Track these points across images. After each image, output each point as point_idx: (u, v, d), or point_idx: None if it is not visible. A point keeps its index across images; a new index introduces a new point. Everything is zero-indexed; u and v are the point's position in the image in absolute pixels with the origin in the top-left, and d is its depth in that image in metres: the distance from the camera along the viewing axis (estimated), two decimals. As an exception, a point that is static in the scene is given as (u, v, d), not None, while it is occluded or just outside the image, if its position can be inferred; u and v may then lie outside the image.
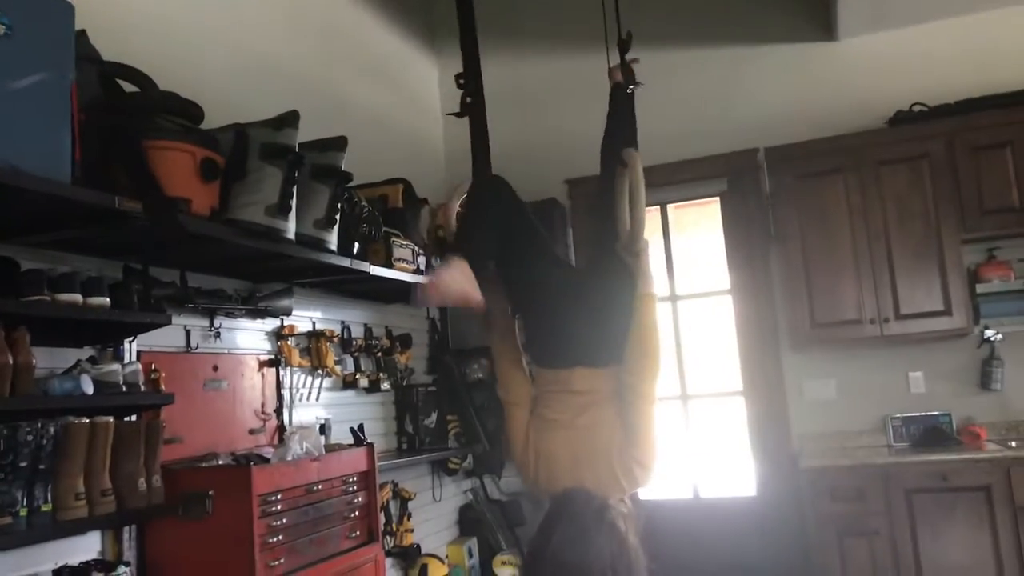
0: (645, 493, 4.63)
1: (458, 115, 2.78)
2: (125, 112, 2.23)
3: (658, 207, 4.80)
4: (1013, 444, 3.86)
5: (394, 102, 4.60)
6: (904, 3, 4.18)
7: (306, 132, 2.70)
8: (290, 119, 2.63)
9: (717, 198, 4.73)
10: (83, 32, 2.14)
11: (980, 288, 4.04)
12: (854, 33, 4.43)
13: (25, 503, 1.96)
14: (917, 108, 4.17)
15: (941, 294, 4.00)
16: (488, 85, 2.81)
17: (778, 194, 4.30)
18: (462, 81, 2.81)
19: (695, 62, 4.69)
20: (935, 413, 4.15)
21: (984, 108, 4.02)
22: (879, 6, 4.18)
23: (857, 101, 4.37)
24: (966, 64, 4.26)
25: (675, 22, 4.71)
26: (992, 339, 4.08)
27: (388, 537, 3.70)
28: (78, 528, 2.15)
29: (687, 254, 4.83)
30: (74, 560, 2.16)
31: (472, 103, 2.47)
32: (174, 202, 2.21)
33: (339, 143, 2.95)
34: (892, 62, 4.39)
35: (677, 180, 4.60)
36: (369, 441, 3.22)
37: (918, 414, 4.17)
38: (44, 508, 2.00)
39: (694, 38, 4.71)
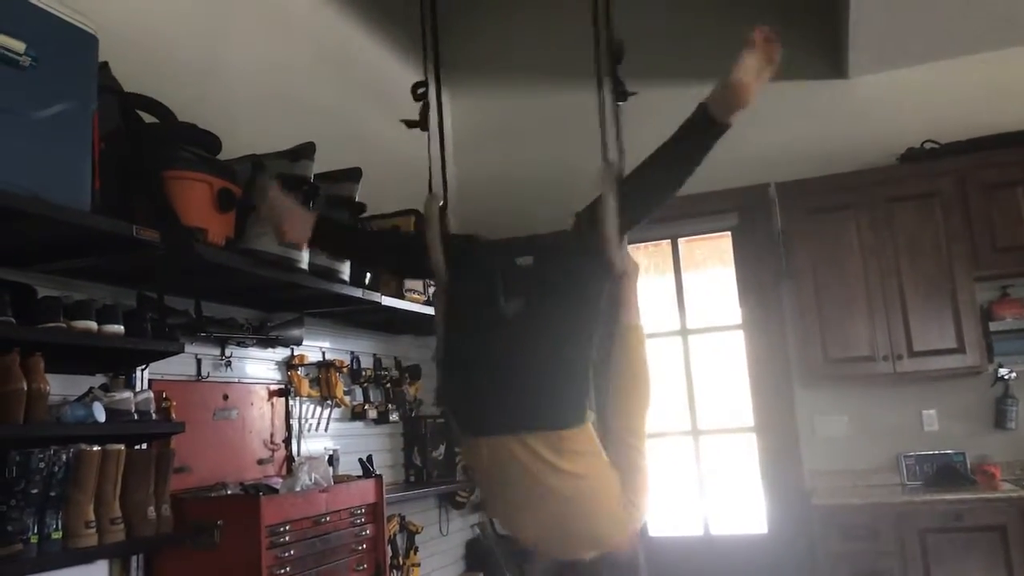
0: (656, 530, 4.61)
1: (410, 125, 2.60)
2: (144, 142, 2.26)
3: (669, 241, 4.81)
4: (1028, 484, 3.82)
5: (407, 133, 4.63)
6: (915, 41, 4.21)
7: (321, 162, 2.74)
8: (306, 151, 2.67)
9: (728, 232, 4.73)
10: (105, 64, 2.17)
11: (993, 326, 4.02)
12: (865, 71, 4.46)
13: (36, 530, 1.96)
14: (928, 145, 4.18)
15: (954, 332, 3.98)
16: (493, 119, 2.81)
17: (789, 229, 4.30)
18: (420, 90, 2.64)
19: (703, 98, 4.71)
20: (949, 452, 4.11)
21: (996, 146, 4.02)
22: (890, 45, 4.21)
23: (868, 138, 4.38)
24: (978, 102, 4.28)
25: (685, 58, 4.74)
26: (1006, 377, 4.04)
27: (395, 571, 3.66)
28: (88, 556, 2.14)
29: (698, 288, 4.82)
30: (82, 589, 2.14)
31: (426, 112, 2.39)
32: (191, 231, 2.24)
33: (354, 174, 2.99)
34: (903, 99, 4.40)
35: (688, 214, 4.60)
36: (378, 473, 3.21)
37: (931, 452, 4.12)
38: (55, 535, 2.00)
39: (705, 73, 4.72)
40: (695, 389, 4.68)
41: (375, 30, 4.39)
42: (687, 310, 4.76)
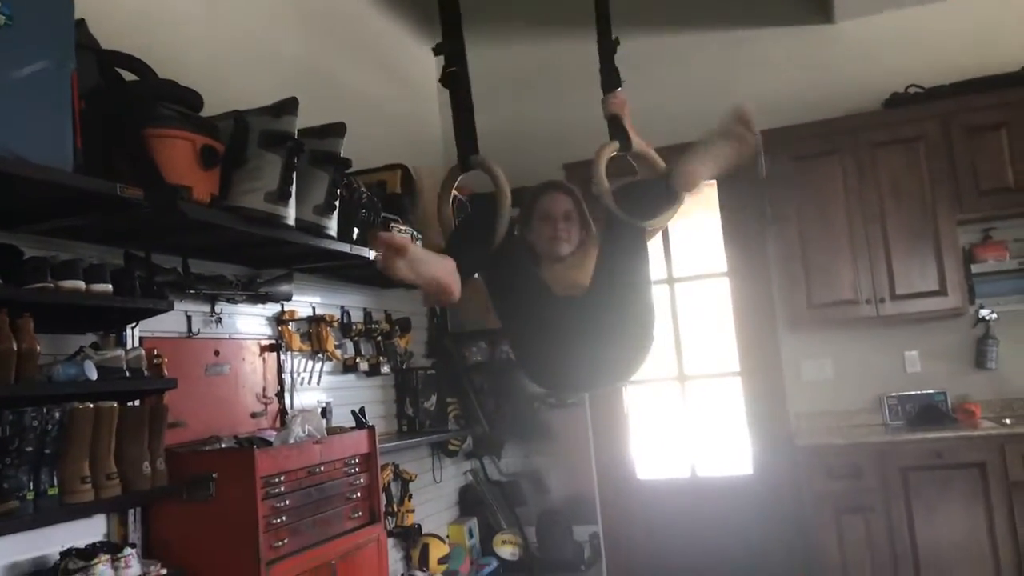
0: (644, 474, 4.70)
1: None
2: (125, 100, 2.25)
3: (655, 189, 4.81)
4: (1008, 421, 3.91)
5: (391, 87, 4.61)
6: (900, -17, 4.19)
7: (305, 118, 2.72)
8: (289, 106, 2.65)
9: (714, 181, 4.74)
10: (82, 21, 2.15)
11: (975, 268, 4.08)
12: (851, 15, 4.43)
13: (32, 487, 1.99)
14: (913, 90, 4.18)
15: (937, 274, 4.03)
16: (482, 69, 2.78)
17: (774, 176, 4.30)
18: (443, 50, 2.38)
19: (691, 45, 4.69)
20: (930, 392, 4.19)
21: (979, 90, 4.04)
22: (876, -13, 4.19)
23: (853, 83, 4.38)
24: (962, 46, 4.27)
25: (671, 5, 4.71)
26: (987, 318, 4.11)
27: (390, 518, 3.74)
28: (84, 511, 2.18)
29: (684, 237, 4.84)
30: (81, 543, 2.19)
31: (453, 72, 2.17)
32: (175, 189, 2.24)
33: (338, 129, 2.97)
34: (888, 44, 4.39)
35: (673, 162, 4.60)
36: (370, 424, 3.26)
37: (914, 393, 4.21)
38: (51, 492, 2.04)
39: (690, 21, 4.71)
40: (682, 336, 4.74)
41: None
42: (673, 258, 4.79)
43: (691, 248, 4.82)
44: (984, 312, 4.12)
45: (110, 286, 2.20)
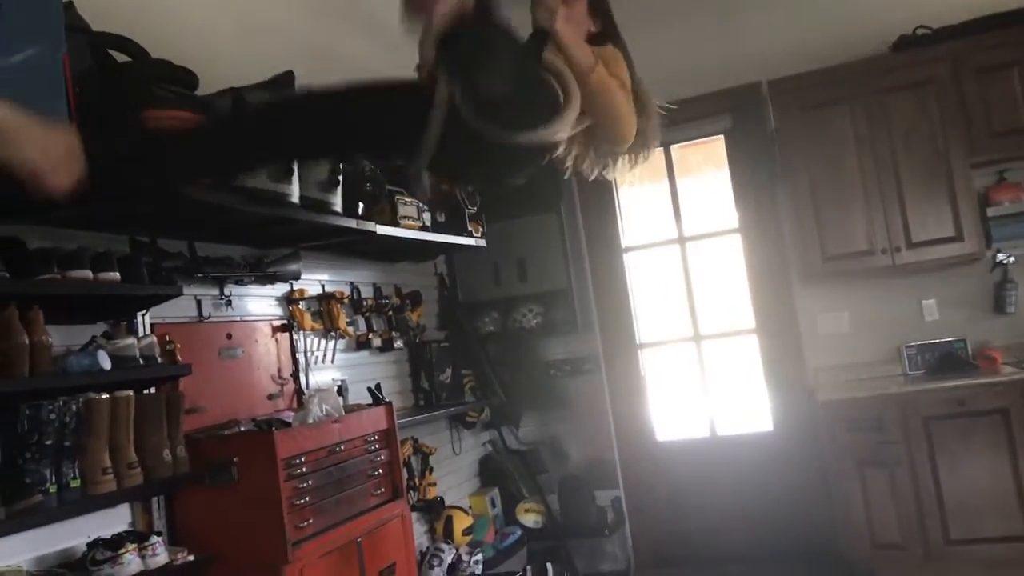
0: (663, 434, 4.69)
1: None
2: (120, 83, 2.19)
3: (661, 148, 4.74)
4: (1029, 366, 3.86)
5: (390, 57, 4.51)
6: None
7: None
8: (285, 80, 2.61)
9: (722, 136, 4.67)
10: (70, 3, 2.09)
11: (991, 212, 4.00)
12: (854, -43, 4.32)
13: (54, 480, 1.98)
14: (920, 31, 4.08)
15: (952, 220, 3.97)
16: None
17: (783, 128, 4.24)
18: None
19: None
20: (949, 339, 4.15)
21: (989, 28, 3.93)
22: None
23: (859, 27, 4.27)
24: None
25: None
26: (1005, 262, 4.05)
27: (412, 492, 3.74)
28: (108, 501, 2.17)
29: (694, 194, 4.78)
30: (106, 533, 2.18)
31: None
32: (176, 172, 2.19)
33: (337, 102, 2.91)
34: (894, -16, 4.28)
35: (680, 120, 4.48)
36: (387, 400, 3.24)
37: (933, 341, 4.17)
38: (73, 484, 2.02)
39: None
40: (695, 295, 4.70)
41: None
42: (683, 218, 4.73)
43: (700, 206, 4.76)
44: (1001, 256, 4.05)
45: (118, 274, 2.16)
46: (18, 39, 1.81)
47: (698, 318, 4.69)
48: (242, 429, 2.64)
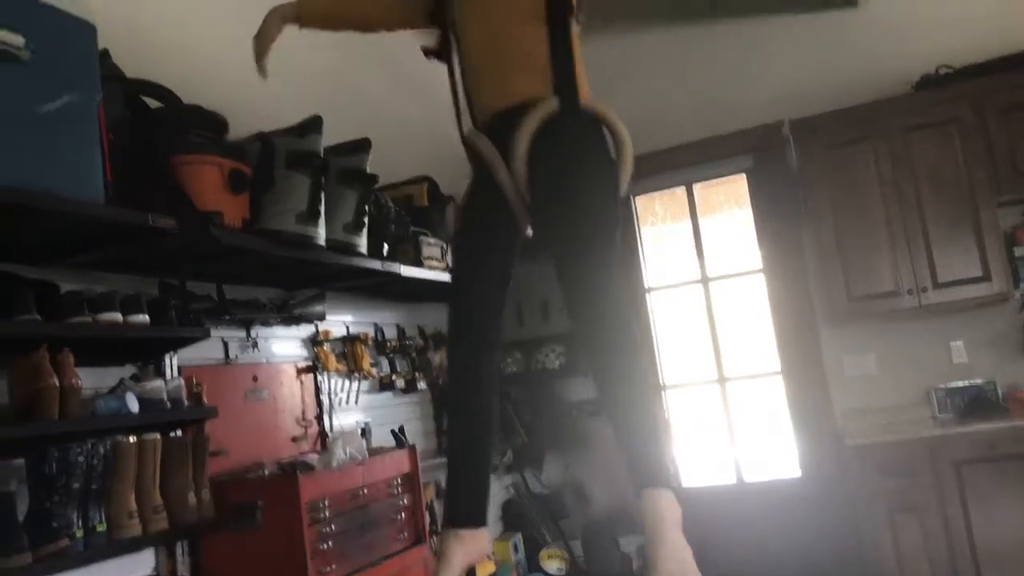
0: (689, 481, 4.62)
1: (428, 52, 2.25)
2: (152, 129, 2.23)
3: (684, 187, 4.75)
4: (1063, 408, 3.79)
5: (413, 99, 4.57)
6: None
7: (330, 134, 2.70)
8: (314, 125, 2.64)
9: (744, 175, 4.67)
10: (106, 51, 2.13)
11: (1018, 251, 3.95)
12: (874, -3, 4.34)
13: (80, 524, 1.97)
14: (943, 71, 4.08)
15: (979, 259, 3.92)
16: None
17: (806, 167, 4.23)
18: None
19: (716, 37, 4.59)
20: (979, 382, 4.07)
21: (1012, 68, 3.93)
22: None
23: (881, 67, 4.27)
24: (989, 23, 4.15)
25: None
26: (1034, 302, 4.00)
27: (435, 536, 3.69)
28: (134, 546, 2.16)
29: (717, 233, 4.77)
30: (131, 578, 2.17)
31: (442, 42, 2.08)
32: (206, 216, 2.22)
33: (363, 145, 2.95)
34: (914, 25, 4.28)
35: (702, 159, 4.55)
36: (410, 443, 3.22)
37: (962, 384, 4.09)
38: (99, 528, 2.01)
39: (710, 11, 4.63)
40: (719, 337, 4.66)
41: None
42: (706, 257, 4.72)
43: (723, 245, 4.75)
44: (1030, 296, 4.00)
45: (147, 317, 2.18)
46: (55, 87, 1.85)
47: (723, 360, 4.65)
48: (266, 472, 2.62)
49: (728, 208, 4.83)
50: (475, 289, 1.93)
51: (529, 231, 1.94)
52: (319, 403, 3.16)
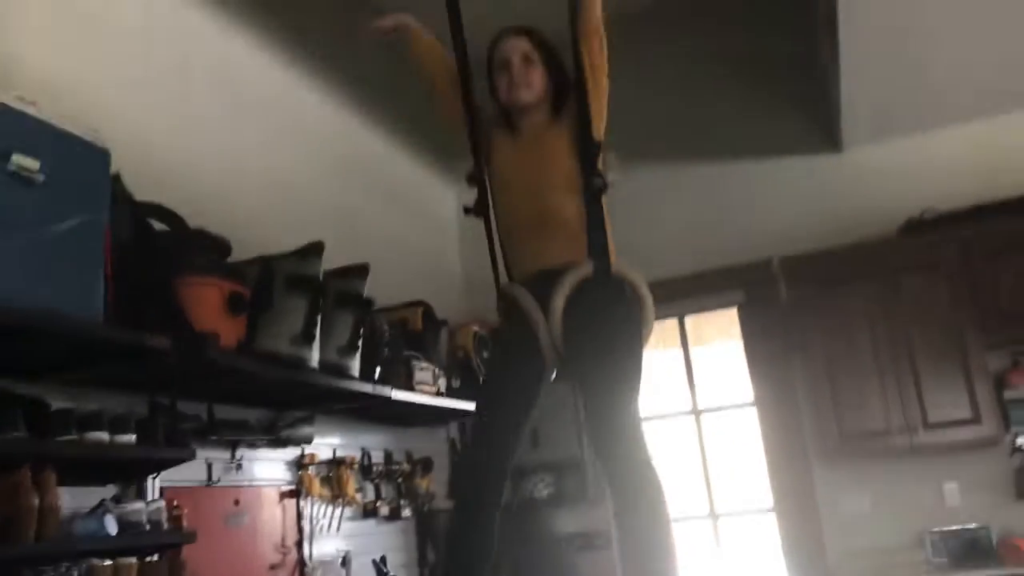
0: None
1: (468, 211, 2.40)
2: (156, 251, 2.27)
3: (675, 319, 4.80)
4: (1058, 557, 3.71)
5: (411, 225, 4.68)
6: (906, 112, 4.27)
7: (328, 258, 2.75)
8: (314, 250, 2.69)
9: (735, 308, 4.73)
10: (118, 175, 2.20)
11: (1008, 395, 3.96)
12: (858, 143, 4.50)
13: (47, 654, 1.89)
14: (927, 215, 4.19)
15: (968, 402, 3.92)
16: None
17: (796, 303, 4.29)
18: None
19: (707, 177, 4.75)
20: (973, 527, 4.00)
21: (996, 213, 4.02)
22: (881, 116, 4.27)
23: (867, 209, 4.39)
24: (973, 169, 4.29)
25: (685, 139, 4.80)
26: (1024, 447, 3.98)
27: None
28: None
29: (708, 364, 4.78)
30: None
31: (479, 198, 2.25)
32: (202, 337, 2.23)
33: (361, 271, 3.00)
34: (898, 170, 4.43)
35: (693, 292, 4.62)
36: (393, 573, 3.12)
37: (956, 528, 4.02)
38: (66, 659, 1.93)
39: (705, 154, 4.80)
40: (711, 471, 4.60)
41: (377, 125, 4.47)
42: (698, 388, 4.72)
43: (715, 377, 4.76)
44: (1021, 441, 3.98)
45: (134, 437, 2.16)
46: (66, 208, 1.90)
47: (714, 495, 4.57)
48: (242, 603, 2.53)
49: (720, 339, 4.86)
50: (497, 437, 2.14)
51: (553, 376, 2.16)
52: (300, 529, 3.09)
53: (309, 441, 3.13)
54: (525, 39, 2.23)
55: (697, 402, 4.71)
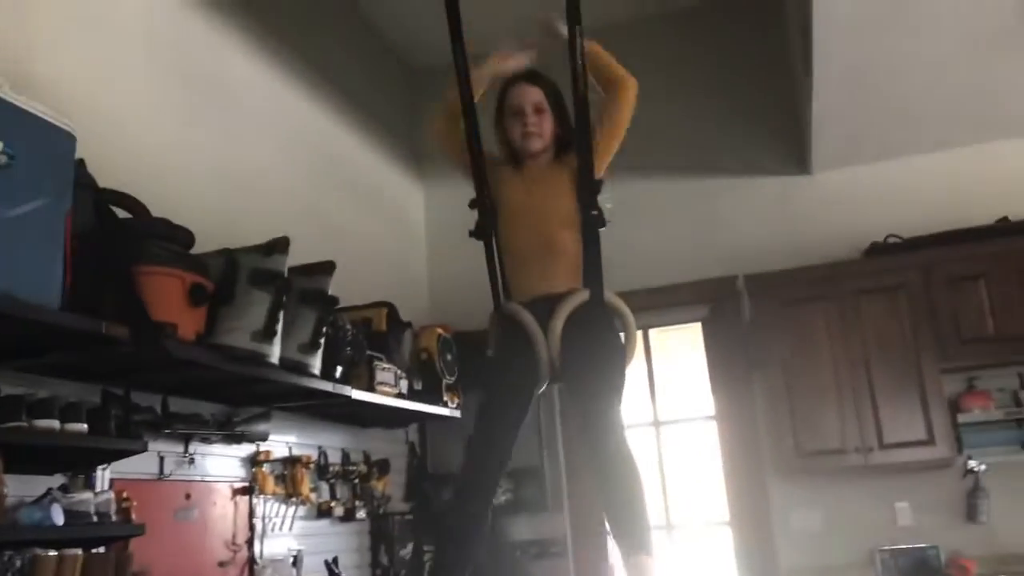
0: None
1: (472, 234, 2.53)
2: (117, 238, 2.24)
3: (640, 331, 4.82)
4: (1003, 579, 3.79)
5: (379, 225, 4.66)
6: (876, 140, 4.35)
7: (294, 254, 2.72)
8: (280, 245, 2.66)
9: (699, 323, 4.77)
10: (82, 161, 2.16)
11: (961, 418, 4.04)
12: (828, 167, 4.58)
13: (-17, 645, 1.85)
14: (891, 240, 4.28)
15: (923, 423, 3.99)
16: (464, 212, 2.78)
17: (758, 321, 4.34)
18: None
19: (677, 193, 4.80)
20: (923, 546, 4.07)
21: (957, 241, 4.12)
22: (852, 143, 4.35)
23: (833, 232, 4.47)
24: (938, 197, 4.38)
25: (657, 154, 4.83)
26: (976, 470, 4.05)
27: None
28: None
29: (670, 377, 4.81)
30: None
31: (483, 224, 2.41)
32: (160, 327, 2.20)
33: (326, 268, 2.98)
34: (866, 195, 4.52)
35: (658, 305, 4.64)
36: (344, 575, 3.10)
37: (906, 547, 4.09)
38: (4, 651, 1.88)
39: (675, 170, 4.85)
40: (668, 483, 4.62)
41: (351, 126, 4.46)
42: (659, 400, 4.74)
43: (677, 390, 4.79)
44: (972, 464, 4.05)
45: (85, 426, 2.12)
46: (28, 191, 1.86)
47: (670, 507, 4.60)
48: (189, 599, 2.49)
49: (683, 352, 4.90)
50: (498, 443, 2.35)
51: (544, 386, 2.39)
52: (251, 527, 3.05)
53: (264, 438, 3.09)
54: (538, 89, 2.44)
55: (658, 414, 4.73)
